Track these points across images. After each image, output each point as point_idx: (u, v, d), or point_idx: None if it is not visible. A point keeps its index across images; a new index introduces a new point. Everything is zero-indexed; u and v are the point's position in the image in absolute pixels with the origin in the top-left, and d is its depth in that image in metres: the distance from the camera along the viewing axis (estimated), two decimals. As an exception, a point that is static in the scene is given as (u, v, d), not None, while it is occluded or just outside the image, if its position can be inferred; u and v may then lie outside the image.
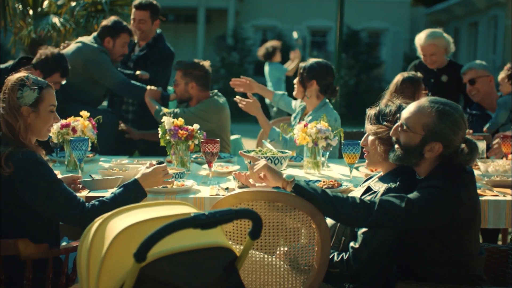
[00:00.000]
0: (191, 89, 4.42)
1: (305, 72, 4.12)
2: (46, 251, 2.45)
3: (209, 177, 3.32)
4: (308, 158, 3.55)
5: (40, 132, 2.62)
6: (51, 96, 2.63)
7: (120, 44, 4.67)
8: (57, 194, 2.48)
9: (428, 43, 4.98)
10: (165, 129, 3.54)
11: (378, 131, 2.56)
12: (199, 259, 1.98)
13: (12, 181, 2.46)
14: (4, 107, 2.55)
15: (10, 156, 2.47)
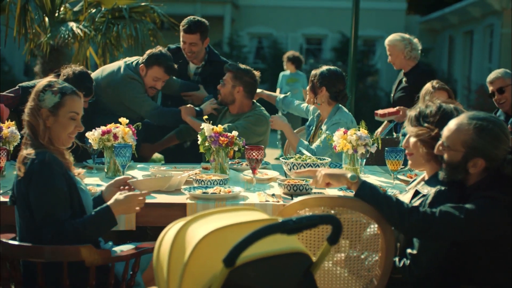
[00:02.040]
0: (237, 93, 4.39)
1: (316, 79, 4.16)
2: (109, 257, 2.46)
3: (253, 184, 3.33)
4: (347, 165, 3.58)
5: (59, 137, 2.61)
6: (73, 103, 2.62)
7: (151, 76, 4.47)
8: (45, 202, 2.45)
9: (386, 44, 5.31)
10: (205, 136, 3.55)
11: (419, 133, 2.57)
12: (280, 264, 2.00)
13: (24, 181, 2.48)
14: (28, 109, 2.60)
15: (25, 158, 2.50)
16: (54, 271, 2.46)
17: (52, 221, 2.43)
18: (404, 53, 5.19)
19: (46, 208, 2.44)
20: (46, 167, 2.46)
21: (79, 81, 4.10)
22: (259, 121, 4.34)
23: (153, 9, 5.94)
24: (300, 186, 3.15)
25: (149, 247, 2.60)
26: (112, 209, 2.56)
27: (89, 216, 2.53)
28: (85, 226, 2.49)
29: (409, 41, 5.23)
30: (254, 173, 3.31)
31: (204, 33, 4.80)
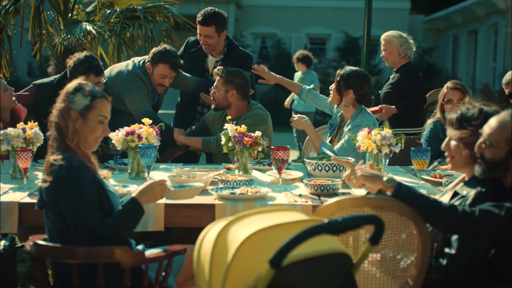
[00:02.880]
0: (231, 97, 4.35)
1: (342, 80, 4.13)
2: (144, 259, 2.45)
3: (279, 184, 3.32)
4: (371, 165, 3.56)
5: (86, 140, 2.59)
6: (103, 107, 2.61)
7: (157, 73, 4.47)
8: (77, 209, 2.43)
9: (382, 38, 5.34)
10: (229, 136, 3.54)
11: (462, 136, 2.56)
12: (323, 265, 1.99)
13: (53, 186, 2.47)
14: (57, 110, 2.58)
15: (51, 165, 2.48)
16: (88, 272, 2.45)
17: (86, 226, 2.42)
18: (399, 50, 5.23)
19: (78, 215, 2.42)
20: (74, 173, 2.45)
21: (87, 63, 4.14)
22: (257, 121, 4.30)
23: (168, 9, 5.92)
24: (327, 186, 3.14)
25: (180, 249, 2.59)
26: (138, 199, 2.55)
27: (118, 212, 2.52)
28: (117, 222, 2.48)
29: (406, 39, 5.29)
30: (280, 173, 3.30)
31: (220, 26, 4.72)
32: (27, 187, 3.27)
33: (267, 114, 4.43)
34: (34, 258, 2.49)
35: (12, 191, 3.19)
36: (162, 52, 4.48)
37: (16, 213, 2.95)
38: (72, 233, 2.44)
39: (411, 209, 2.37)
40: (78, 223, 2.42)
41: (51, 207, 2.48)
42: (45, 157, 2.58)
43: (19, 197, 3.04)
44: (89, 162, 2.56)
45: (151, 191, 2.58)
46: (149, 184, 2.59)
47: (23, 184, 3.32)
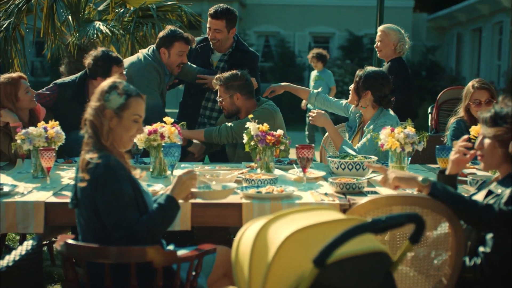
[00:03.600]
0: (237, 100, 4.33)
1: (361, 81, 4.10)
2: (176, 258, 2.43)
3: (303, 183, 3.31)
4: (393, 163, 3.55)
5: (121, 139, 2.58)
6: (137, 106, 2.59)
7: (175, 53, 4.54)
8: (114, 208, 2.42)
9: (380, 29, 5.29)
10: (251, 135, 3.53)
11: (498, 133, 2.54)
12: (364, 264, 1.97)
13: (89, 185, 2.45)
14: (92, 108, 2.57)
15: (88, 163, 2.47)
16: (120, 272, 2.43)
17: (122, 225, 2.41)
18: (396, 45, 5.22)
19: (115, 214, 2.41)
20: (111, 172, 2.43)
21: (106, 57, 4.22)
22: (263, 114, 4.24)
23: (181, 8, 5.90)
24: (352, 185, 3.13)
25: (211, 248, 2.58)
26: (173, 195, 2.55)
27: (154, 210, 2.50)
28: (153, 220, 2.46)
29: (403, 36, 5.28)
30: (304, 172, 3.28)
31: (231, 21, 4.74)
32: (51, 187, 3.25)
33: (275, 109, 4.41)
34: (65, 258, 2.48)
35: (36, 190, 3.17)
36: (171, 31, 4.58)
37: (42, 213, 2.94)
38: (108, 232, 2.43)
39: (446, 208, 2.36)
40: (115, 222, 2.41)
41: (86, 205, 2.47)
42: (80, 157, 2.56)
43: (45, 197, 3.02)
44: (124, 161, 2.54)
45: (181, 184, 2.57)
46: (177, 178, 2.59)
47: (46, 184, 3.31)
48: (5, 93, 3.92)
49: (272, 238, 1.99)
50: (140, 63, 4.55)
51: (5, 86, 3.93)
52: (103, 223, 2.45)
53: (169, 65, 4.59)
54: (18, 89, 3.95)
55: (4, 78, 3.95)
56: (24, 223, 2.94)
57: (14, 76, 3.97)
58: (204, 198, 2.77)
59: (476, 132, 3.74)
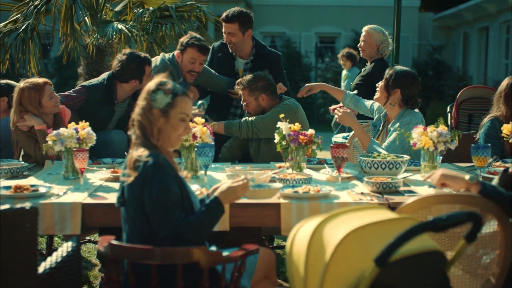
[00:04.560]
0: (263, 101, 4.32)
1: (391, 79, 4.08)
2: (222, 259, 2.41)
3: (338, 182, 3.29)
4: (426, 162, 3.53)
5: (169, 138, 2.56)
6: (184, 105, 2.57)
7: (186, 59, 4.51)
8: (160, 206, 2.40)
9: (364, 29, 5.39)
10: (283, 135, 3.51)
11: None
12: (422, 263, 1.96)
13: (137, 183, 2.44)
14: (139, 108, 2.55)
15: (136, 161, 2.46)
16: (166, 273, 2.42)
17: (168, 224, 2.39)
18: (378, 46, 5.31)
19: (162, 213, 2.40)
20: (160, 170, 2.41)
21: (136, 59, 4.24)
22: (283, 110, 4.19)
23: (200, 8, 5.89)
24: (389, 184, 3.11)
25: (254, 248, 2.56)
26: (222, 200, 2.54)
27: (201, 211, 2.49)
28: (200, 221, 2.44)
29: (387, 38, 5.37)
30: (339, 172, 3.26)
31: (244, 24, 4.72)
32: (84, 188, 3.23)
33: (296, 105, 4.39)
34: (109, 259, 2.46)
35: (70, 191, 3.16)
36: (189, 38, 4.57)
37: (79, 214, 2.92)
38: (154, 231, 2.41)
39: (494, 206, 2.33)
40: (160, 221, 2.39)
41: (133, 204, 2.46)
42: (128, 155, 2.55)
43: (81, 198, 3.00)
44: (171, 161, 2.53)
45: (233, 192, 2.56)
46: (231, 187, 2.57)
47: (79, 185, 3.29)
48: (29, 98, 3.89)
49: (328, 237, 1.97)
50: (155, 66, 4.55)
51: (29, 91, 3.90)
52: (149, 222, 2.43)
53: (181, 69, 4.57)
54: (42, 95, 3.92)
55: (28, 83, 3.92)
56: (61, 224, 2.93)
57: (39, 82, 3.94)
58: (249, 197, 2.75)
59: (508, 130, 3.72)
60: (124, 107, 4.46)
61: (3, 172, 3.57)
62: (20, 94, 3.89)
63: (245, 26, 4.73)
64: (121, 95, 4.37)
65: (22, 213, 2.34)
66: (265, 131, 4.24)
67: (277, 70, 4.79)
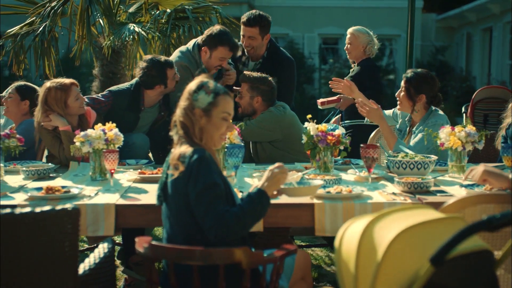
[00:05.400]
0: (256, 103, 4.31)
1: (412, 86, 4.05)
2: (263, 259, 2.41)
3: (369, 182, 3.29)
4: (453, 162, 3.53)
5: (212, 138, 2.57)
6: (226, 104, 2.58)
7: (216, 57, 4.45)
8: (205, 198, 2.39)
9: (349, 32, 5.39)
10: (311, 135, 3.51)
11: None
12: (473, 262, 1.95)
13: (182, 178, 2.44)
14: (181, 108, 2.56)
15: (181, 156, 2.46)
16: (207, 273, 2.42)
17: (213, 216, 2.38)
18: (365, 47, 5.32)
19: (206, 204, 2.38)
20: (205, 164, 2.42)
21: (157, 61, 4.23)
22: (267, 118, 4.24)
23: (216, 10, 5.88)
24: (420, 184, 3.11)
25: (294, 249, 2.56)
26: (264, 189, 2.50)
27: (244, 201, 2.46)
28: (244, 211, 2.42)
29: (372, 38, 5.38)
30: (369, 172, 3.26)
31: (264, 28, 4.69)
32: (115, 189, 3.23)
33: (281, 111, 4.30)
34: (149, 260, 2.46)
35: (101, 193, 3.15)
36: (220, 34, 4.44)
37: (112, 215, 2.92)
38: (199, 225, 2.41)
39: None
40: (205, 213, 2.38)
41: (177, 200, 2.46)
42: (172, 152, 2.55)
43: (114, 199, 3.00)
44: (215, 158, 2.53)
45: (272, 177, 2.53)
46: (268, 172, 2.55)
47: (109, 186, 3.29)
48: (55, 98, 3.88)
49: (379, 237, 1.97)
50: (175, 62, 4.50)
51: (55, 91, 3.89)
52: (193, 217, 2.42)
53: (208, 65, 4.51)
54: (68, 96, 3.91)
55: (55, 83, 3.92)
56: (94, 226, 2.92)
57: (66, 83, 3.93)
58: (290, 195, 2.74)
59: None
60: (154, 111, 4.44)
61: (30, 174, 3.56)
62: (46, 93, 3.89)
63: (265, 30, 4.71)
64: (148, 101, 4.35)
65: (65, 213, 2.33)
66: (249, 136, 4.24)
67: (284, 77, 4.68)
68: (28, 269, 2.34)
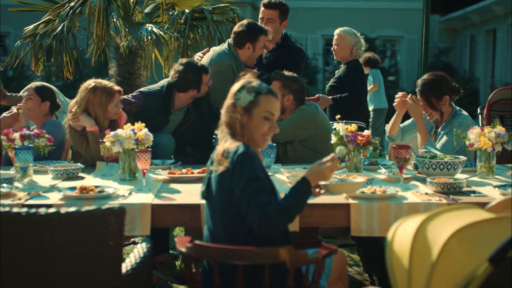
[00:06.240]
0: (287, 101, 4.31)
1: (431, 95, 4.07)
2: (307, 259, 2.41)
3: (401, 183, 3.29)
4: (482, 163, 3.54)
5: (254, 137, 2.57)
6: (268, 103, 2.57)
7: (259, 47, 4.49)
8: (248, 190, 2.39)
9: (336, 33, 5.43)
10: (341, 135, 3.51)
11: None
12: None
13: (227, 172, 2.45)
14: (225, 107, 2.59)
15: (225, 152, 2.47)
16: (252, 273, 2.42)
17: (256, 206, 2.37)
18: (351, 49, 5.34)
19: (250, 196, 2.37)
20: (249, 159, 2.42)
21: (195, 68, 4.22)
22: (300, 116, 4.24)
23: (233, 10, 5.89)
24: (454, 185, 3.11)
25: (335, 249, 2.56)
26: (310, 180, 2.49)
27: (289, 192, 2.46)
28: (287, 201, 2.41)
29: (359, 39, 5.41)
30: (401, 172, 3.26)
31: (284, 13, 4.80)
32: (147, 189, 3.23)
33: (313, 110, 4.33)
34: (192, 260, 2.46)
35: (134, 192, 3.15)
36: (254, 25, 4.52)
37: (148, 215, 2.92)
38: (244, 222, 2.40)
39: None
40: (248, 205, 2.37)
41: (221, 195, 2.46)
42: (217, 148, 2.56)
43: (149, 199, 3.00)
44: (259, 156, 2.54)
45: (322, 174, 2.50)
46: (319, 168, 2.51)
47: (140, 185, 3.28)
48: (100, 100, 3.88)
49: (433, 236, 1.97)
50: (219, 65, 4.49)
51: (101, 93, 3.89)
52: (238, 215, 2.42)
53: (252, 59, 4.54)
54: (111, 101, 3.91)
55: (102, 85, 3.90)
56: (130, 225, 2.91)
57: (114, 89, 3.93)
58: (333, 192, 2.73)
59: None
60: (181, 114, 4.45)
61: (58, 173, 3.56)
62: (91, 93, 3.88)
63: (284, 15, 4.82)
64: (178, 104, 4.36)
65: (111, 213, 2.34)
66: (282, 136, 4.24)
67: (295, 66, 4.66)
68: (73, 269, 2.34)
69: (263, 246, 2.35)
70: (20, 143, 3.48)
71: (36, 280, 2.33)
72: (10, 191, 3.12)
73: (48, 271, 2.33)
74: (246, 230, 2.44)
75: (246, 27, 4.48)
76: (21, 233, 2.29)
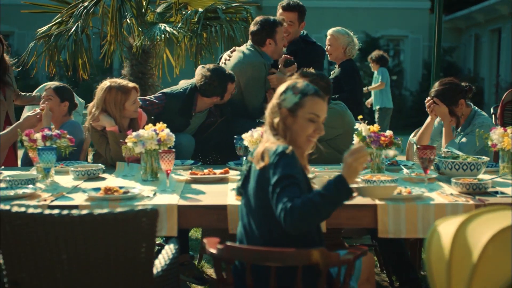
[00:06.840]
0: None
1: (452, 100, 4.07)
2: (339, 260, 2.40)
3: (425, 183, 3.28)
4: (505, 163, 3.53)
5: (297, 138, 2.54)
6: (314, 105, 2.55)
7: (279, 39, 4.48)
8: (280, 186, 2.34)
9: (329, 33, 5.45)
10: (363, 136, 3.50)
11: None
12: None
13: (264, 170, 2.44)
14: (269, 108, 2.59)
15: (266, 150, 2.47)
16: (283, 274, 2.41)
17: (286, 196, 2.32)
18: (345, 49, 5.34)
19: (281, 189, 2.33)
20: (287, 158, 2.39)
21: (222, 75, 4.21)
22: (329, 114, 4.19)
23: (247, 10, 5.88)
24: (479, 185, 3.10)
25: (365, 250, 2.56)
26: (346, 177, 2.37)
27: (323, 187, 2.38)
28: (321, 196, 2.32)
29: (352, 39, 5.40)
30: (426, 173, 3.25)
31: (302, 14, 4.85)
32: (171, 189, 3.22)
33: (342, 108, 4.34)
34: (224, 261, 2.45)
35: (158, 193, 3.14)
36: (268, 19, 4.52)
37: (175, 216, 2.91)
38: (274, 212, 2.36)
39: None
40: (278, 197, 2.32)
41: (258, 194, 2.45)
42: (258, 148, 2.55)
43: (175, 200, 2.99)
44: (301, 158, 2.52)
45: (351, 167, 2.39)
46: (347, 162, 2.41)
47: (164, 186, 3.27)
48: (115, 99, 3.87)
49: (473, 238, 1.97)
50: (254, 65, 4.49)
51: (116, 92, 3.88)
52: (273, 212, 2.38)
53: (277, 52, 4.54)
54: (127, 99, 3.90)
55: (117, 84, 3.89)
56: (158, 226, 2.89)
57: (128, 86, 3.92)
58: (365, 195, 2.71)
59: None
60: (203, 116, 4.44)
61: (80, 174, 3.56)
62: (106, 92, 3.87)
63: (302, 17, 4.85)
64: (200, 107, 4.35)
65: (144, 214, 2.33)
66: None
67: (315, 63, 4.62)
68: (105, 270, 2.33)
69: (297, 246, 2.34)
70: (42, 144, 3.47)
71: (69, 281, 2.32)
72: (35, 192, 3.11)
73: (80, 272, 2.32)
74: (281, 229, 2.40)
75: (261, 25, 4.49)
76: (53, 234, 2.28)
